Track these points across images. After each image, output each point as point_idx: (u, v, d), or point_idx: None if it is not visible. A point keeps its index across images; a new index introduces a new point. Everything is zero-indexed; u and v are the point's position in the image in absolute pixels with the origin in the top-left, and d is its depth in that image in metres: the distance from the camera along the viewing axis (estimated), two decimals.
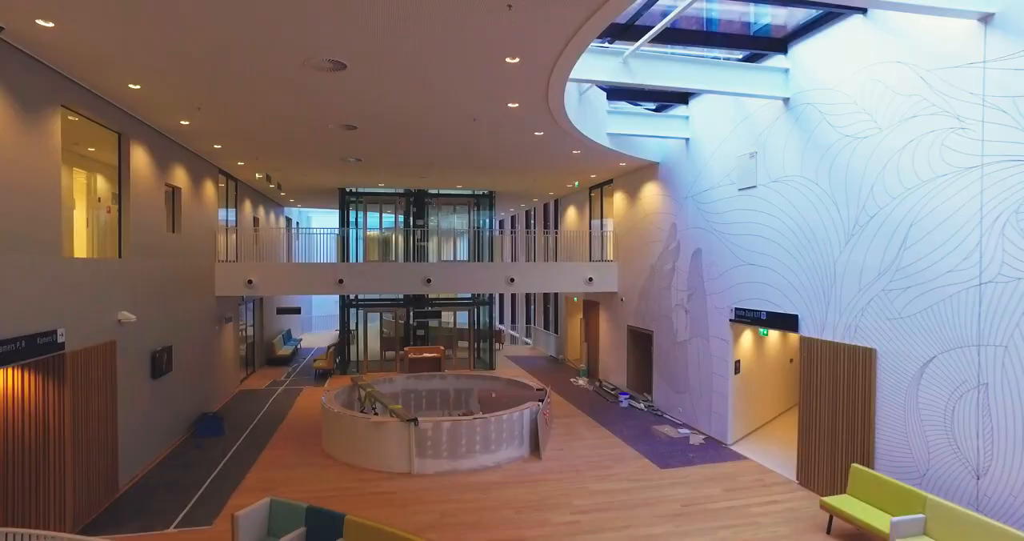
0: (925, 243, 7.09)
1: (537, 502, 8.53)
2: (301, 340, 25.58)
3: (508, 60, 6.80)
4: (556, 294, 21.94)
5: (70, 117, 7.80)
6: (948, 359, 6.81)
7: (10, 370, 6.90)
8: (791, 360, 13.23)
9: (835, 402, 8.44)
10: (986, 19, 6.30)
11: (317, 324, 32.28)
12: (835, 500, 7.43)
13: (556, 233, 20.46)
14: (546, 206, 23.28)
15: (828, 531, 7.51)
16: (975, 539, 5.98)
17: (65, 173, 7.92)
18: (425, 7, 5.36)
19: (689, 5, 6.94)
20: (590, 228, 18.35)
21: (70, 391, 7.27)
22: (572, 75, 8.05)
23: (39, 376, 7.09)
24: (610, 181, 16.60)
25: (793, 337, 12.78)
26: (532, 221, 25.68)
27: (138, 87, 7.79)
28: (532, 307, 25.65)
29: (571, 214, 20.41)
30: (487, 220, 20.21)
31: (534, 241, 22.25)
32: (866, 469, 7.48)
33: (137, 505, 8.36)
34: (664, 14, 7.99)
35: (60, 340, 7.04)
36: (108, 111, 8.49)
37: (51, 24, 5.64)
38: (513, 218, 30.02)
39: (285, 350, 21.17)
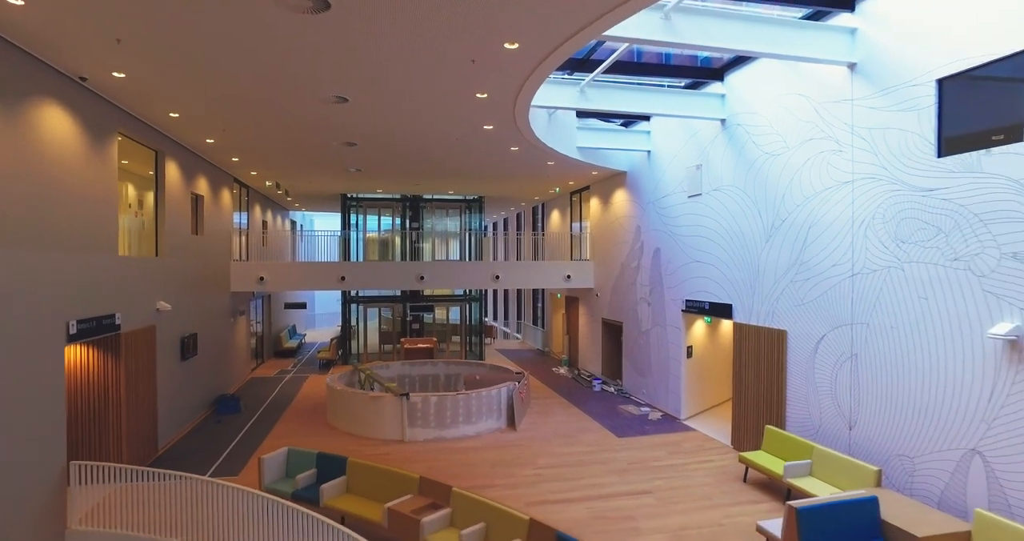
0: (818, 242, 8.74)
1: (508, 461, 10.18)
2: (305, 335, 27.23)
3: (478, 95, 8.47)
4: (543, 291, 23.59)
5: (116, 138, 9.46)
6: (833, 335, 8.46)
7: (80, 346, 8.56)
8: None
9: (759, 376, 10.08)
10: (852, 66, 7.96)
11: (320, 321, 33.94)
12: (750, 455, 9.06)
13: (539, 235, 22.11)
14: (534, 209, 24.94)
15: (744, 480, 9.15)
16: (843, 474, 7.63)
17: None
18: (410, 59, 7.02)
19: (624, 50, 8.60)
20: (570, 230, 20.02)
21: (124, 366, 8.93)
22: (535, 103, 9.74)
23: (100, 352, 8.75)
24: (587, 187, 18.27)
25: None
26: (522, 223, 27.34)
27: (177, 115, 9.46)
28: (522, 304, 27.30)
29: (555, 217, 22.08)
30: (477, 222, 21.89)
31: (520, 242, 23.90)
32: (775, 429, 9.12)
33: (173, 462, 10.02)
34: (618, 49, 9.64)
35: (118, 322, 8.70)
36: (150, 134, 10.17)
37: (123, 75, 7.32)
38: (505, 221, 31.67)
39: (291, 344, 22.83)
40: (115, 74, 7.30)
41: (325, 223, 33.48)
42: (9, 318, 6.23)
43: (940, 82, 6.80)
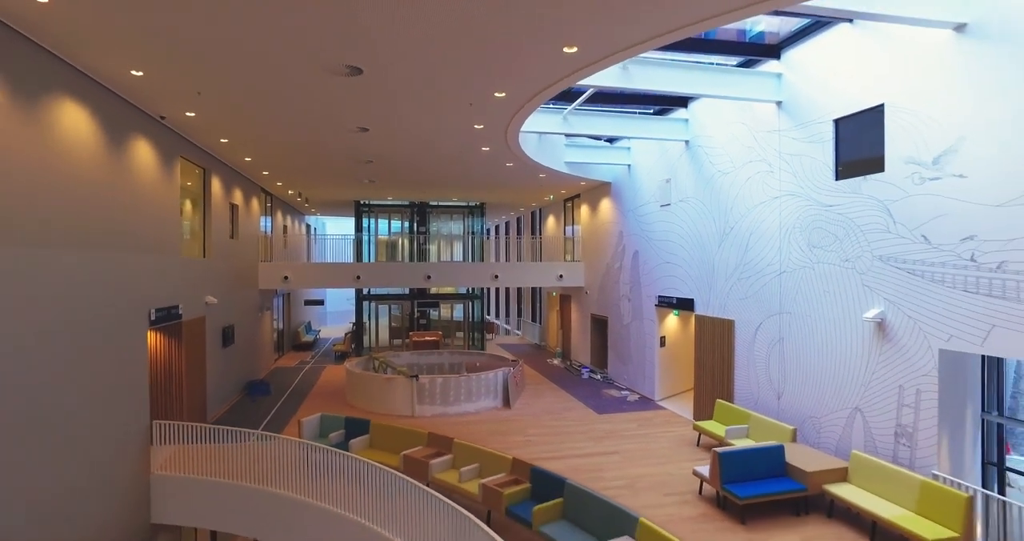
0: (757, 247, 10.57)
1: (502, 431, 12.05)
2: (320, 331, 29.20)
3: (476, 127, 10.36)
4: (540, 290, 25.46)
5: None
6: (767, 323, 10.29)
7: (154, 331, 10.48)
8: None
9: (714, 359, 11.92)
10: (779, 104, 9.80)
11: (332, 318, 35.92)
12: (702, 423, 10.89)
13: (537, 238, 23.99)
14: (532, 214, 26.81)
15: (697, 444, 10.99)
16: (770, 434, 9.45)
17: None
18: (421, 103, 8.90)
19: (591, 92, 10.48)
20: (564, 233, 21.89)
21: (184, 349, 10.86)
22: (524, 129, 11.58)
23: (166, 336, 10.68)
24: (578, 195, 20.13)
25: None
26: (521, 227, 29.23)
27: (226, 141, 11.40)
28: (521, 302, 29.17)
29: (551, 221, 23.95)
30: (479, 226, 23.79)
31: (520, 244, 25.78)
32: (724, 402, 10.95)
33: None
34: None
35: (180, 312, 10.63)
36: (201, 155, 12.11)
37: (193, 114, 9.25)
38: (507, 224, 33.56)
39: (308, 338, 24.79)
40: (187, 114, 9.24)
41: (337, 226, 35.45)
42: (110, 305, 8.15)
43: (836, 122, 8.64)
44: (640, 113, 13.06)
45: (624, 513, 6.24)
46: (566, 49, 6.65)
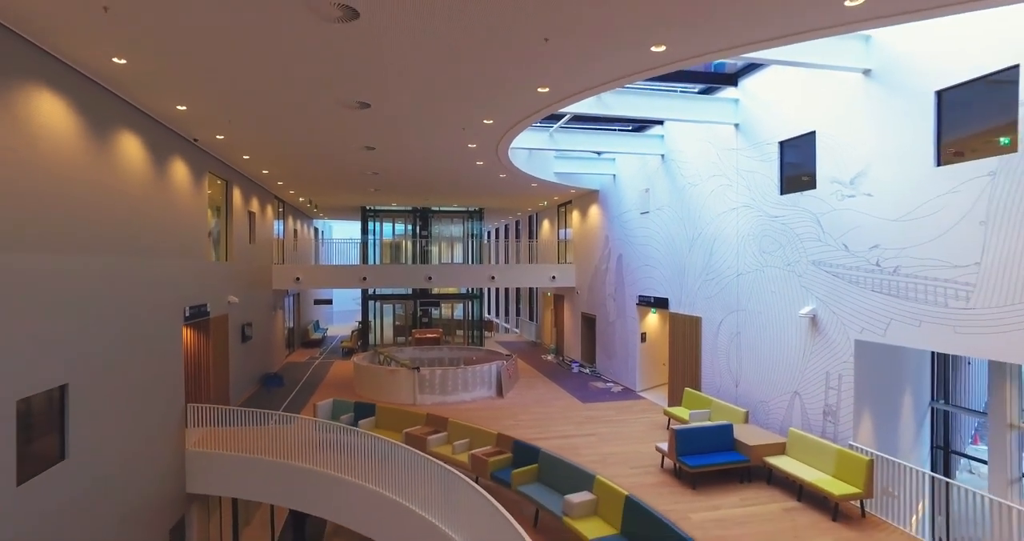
0: (720, 252, 11.86)
1: (494, 416, 13.37)
2: (327, 329, 30.59)
3: (469, 146, 11.69)
4: (536, 291, 26.78)
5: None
6: (728, 319, 11.58)
7: (185, 327, 11.85)
8: None
9: (685, 352, 13.21)
10: (736, 126, 11.11)
11: (339, 317, 37.34)
12: (671, 409, 12.19)
13: (533, 241, 25.30)
14: (529, 218, 28.15)
15: (667, 427, 12.28)
16: (727, 416, 10.74)
17: None
18: (421, 128, 10.25)
19: (569, 116, 11.79)
20: (558, 237, 23.22)
21: (212, 343, 12.22)
22: (514, 146, 12.92)
23: (196, 332, 12.05)
24: (570, 201, 21.45)
25: None
26: (520, 230, 30.56)
27: (248, 157, 12.78)
28: (520, 302, 30.50)
29: (546, 225, 25.27)
30: (478, 230, 25.14)
31: (518, 247, 27.09)
32: (691, 390, 12.24)
33: None
34: None
35: (209, 310, 11.99)
36: (224, 169, 13.49)
37: (222, 136, 10.63)
38: (506, 227, 34.90)
39: (316, 335, 26.18)
40: (217, 136, 10.62)
41: (343, 229, 36.86)
42: (154, 303, 9.51)
43: (781, 144, 9.94)
44: (620, 130, 14.38)
45: (585, 473, 7.56)
46: (539, 89, 7.98)
